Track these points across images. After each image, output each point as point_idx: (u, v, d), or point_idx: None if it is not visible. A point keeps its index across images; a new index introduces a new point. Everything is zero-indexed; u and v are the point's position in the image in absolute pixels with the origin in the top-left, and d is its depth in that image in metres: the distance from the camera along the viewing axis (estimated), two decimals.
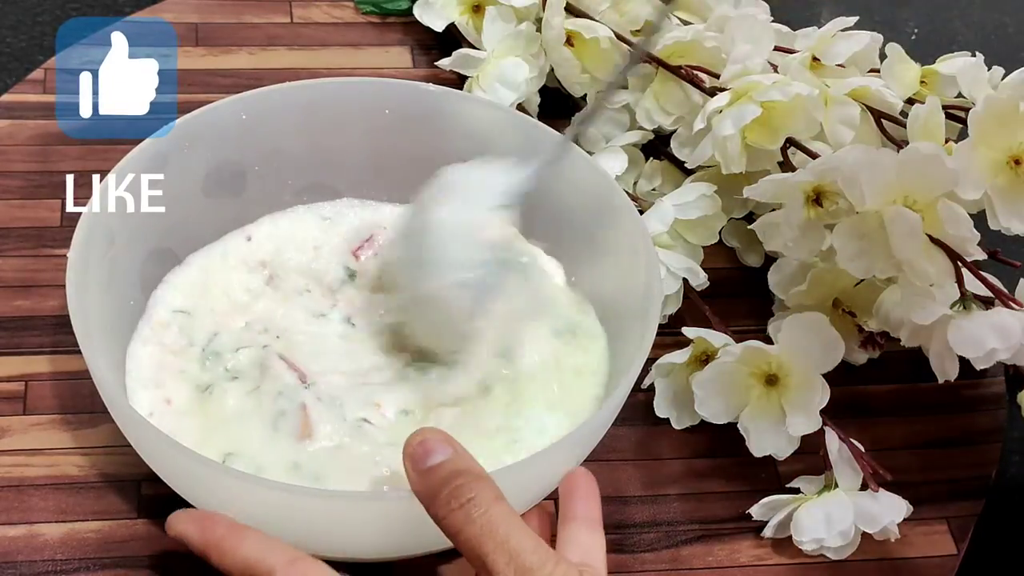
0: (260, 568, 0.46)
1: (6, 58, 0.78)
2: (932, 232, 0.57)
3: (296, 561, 0.46)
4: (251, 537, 0.47)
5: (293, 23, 0.81)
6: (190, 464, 0.50)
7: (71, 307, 0.52)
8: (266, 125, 0.63)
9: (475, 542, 0.44)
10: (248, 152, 0.64)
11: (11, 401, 0.60)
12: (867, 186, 0.57)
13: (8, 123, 0.73)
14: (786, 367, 0.59)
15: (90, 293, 0.55)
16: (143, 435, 0.51)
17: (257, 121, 0.63)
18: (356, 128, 0.65)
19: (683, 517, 0.60)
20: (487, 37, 0.74)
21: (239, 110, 0.62)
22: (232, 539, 0.47)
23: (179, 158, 0.60)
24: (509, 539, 0.44)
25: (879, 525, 0.56)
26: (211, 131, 0.62)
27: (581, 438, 0.53)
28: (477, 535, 0.44)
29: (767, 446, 0.60)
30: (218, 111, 0.62)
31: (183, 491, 0.53)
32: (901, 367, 0.65)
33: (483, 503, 0.45)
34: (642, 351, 0.55)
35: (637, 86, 0.70)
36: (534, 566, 0.43)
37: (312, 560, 0.46)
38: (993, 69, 0.68)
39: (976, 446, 0.64)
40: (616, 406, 0.54)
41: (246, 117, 0.62)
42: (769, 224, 0.63)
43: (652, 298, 0.57)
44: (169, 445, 0.50)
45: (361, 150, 0.65)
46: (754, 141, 0.64)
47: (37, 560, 0.55)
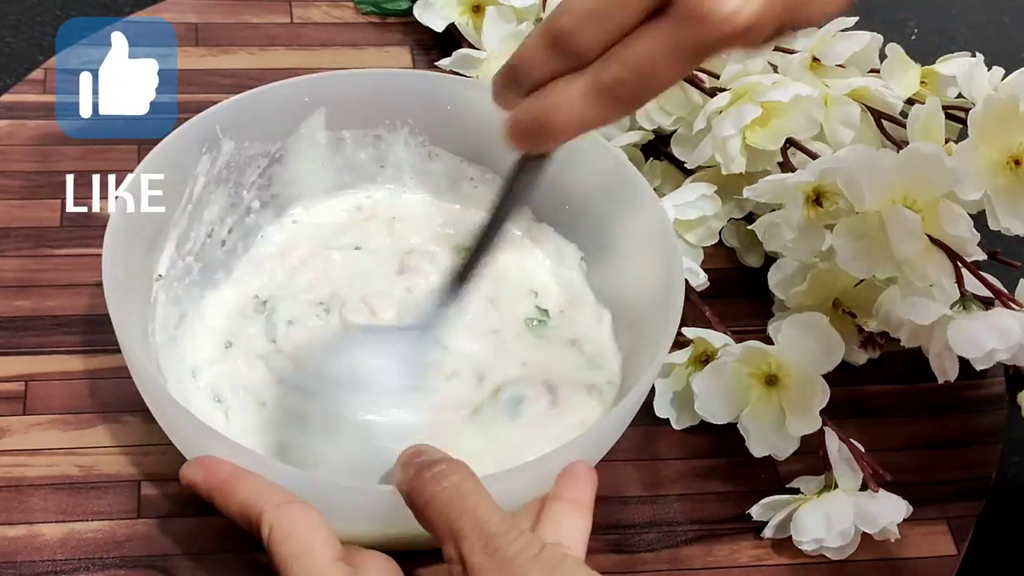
0: (253, 509, 0.47)
1: (6, 58, 0.78)
2: (932, 232, 0.57)
3: (285, 504, 0.47)
4: (250, 480, 0.48)
5: (293, 23, 0.81)
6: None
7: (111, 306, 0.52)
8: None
9: (444, 510, 0.44)
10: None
11: (11, 401, 0.60)
12: (867, 186, 0.57)
13: (8, 123, 0.73)
14: (786, 367, 0.59)
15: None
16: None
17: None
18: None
19: (683, 517, 0.60)
20: (487, 37, 0.74)
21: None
22: (233, 482, 0.49)
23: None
24: (478, 508, 0.44)
25: (879, 525, 0.56)
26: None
27: (594, 438, 0.53)
28: (446, 502, 0.44)
29: (767, 446, 0.60)
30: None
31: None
32: (901, 367, 0.65)
33: (455, 476, 0.45)
34: (663, 344, 0.55)
35: None
36: (499, 533, 0.43)
37: (301, 504, 0.47)
38: (993, 69, 0.68)
39: (976, 446, 0.64)
40: (632, 408, 0.54)
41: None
42: (769, 224, 0.63)
43: (673, 286, 0.56)
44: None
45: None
46: (754, 141, 0.64)
47: (37, 560, 0.55)
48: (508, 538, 0.43)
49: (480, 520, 0.44)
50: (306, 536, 0.46)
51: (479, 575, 0.42)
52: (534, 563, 0.43)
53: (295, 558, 0.45)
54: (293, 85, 0.62)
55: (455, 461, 0.47)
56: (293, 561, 0.45)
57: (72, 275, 0.65)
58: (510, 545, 0.43)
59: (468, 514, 0.44)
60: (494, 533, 0.43)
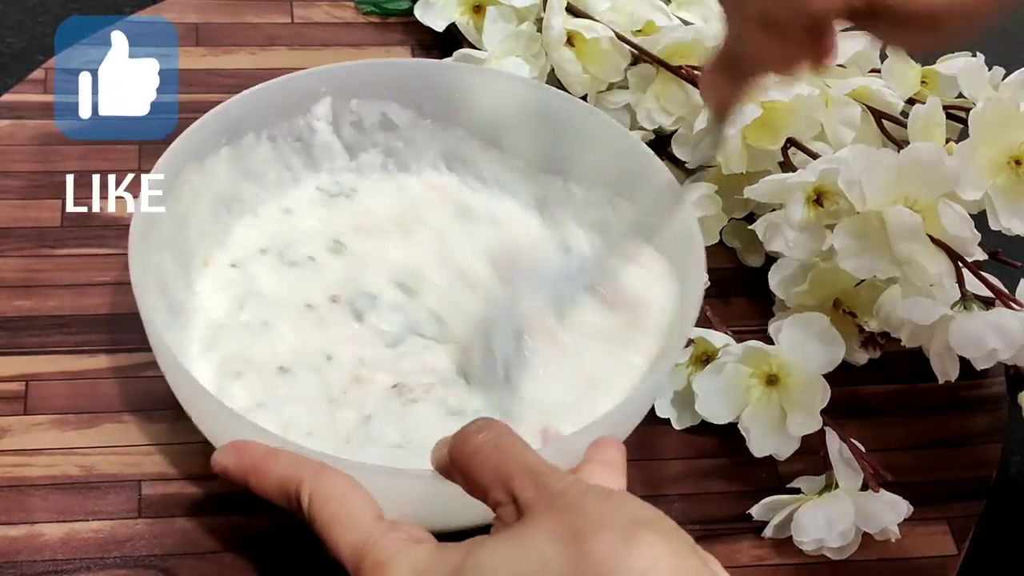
0: (291, 483, 0.47)
1: (6, 58, 0.78)
2: (932, 232, 0.57)
3: (321, 472, 0.47)
4: (283, 457, 0.49)
5: (294, 23, 0.81)
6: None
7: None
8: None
9: (491, 456, 0.44)
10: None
11: (11, 401, 0.60)
12: (867, 186, 0.57)
13: (8, 123, 0.73)
14: (787, 367, 0.59)
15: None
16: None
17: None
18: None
19: (683, 517, 0.59)
20: (488, 37, 0.74)
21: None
22: (266, 461, 0.49)
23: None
24: (524, 452, 0.44)
25: (879, 525, 0.56)
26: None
27: (626, 413, 0.54)
28: (492, 449, 0.44)
29: (767, 446, 0.60)
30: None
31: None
32: (901, 367, 0.65)
33: (497, 429, 0.45)
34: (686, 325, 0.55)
35: (638, 86, 0.70)
36: (548, 472, 0.42)
37: (336, 471, 0.47)
38: (993, 69, 0.68)
39: (976, 446, 0.64)
40: (658, 381, 0.55)
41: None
42: (770, 224, 0.63)
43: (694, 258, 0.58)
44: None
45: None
46: (755, 141, 0.64)
47: (37, 560, 0.55)
48: (557, 476, 0.43)
49: (528, 462, 0.43)
50: (344, 498, 0.46)
51: (533, 508, 0.41)
52: (587, 493, 0.42)
53: (336, 519, 0.45)
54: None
55: (494, 420, 0.46)
56: (335, 522, 0.45)
57: (72, 275, 0.65)
58: (559, 482, 0.42)
59: (515, 458, 0.43)
60: (543, 472, 0.43)
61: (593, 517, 0.40)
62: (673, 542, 0.40)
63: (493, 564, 0.40)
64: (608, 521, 0.40)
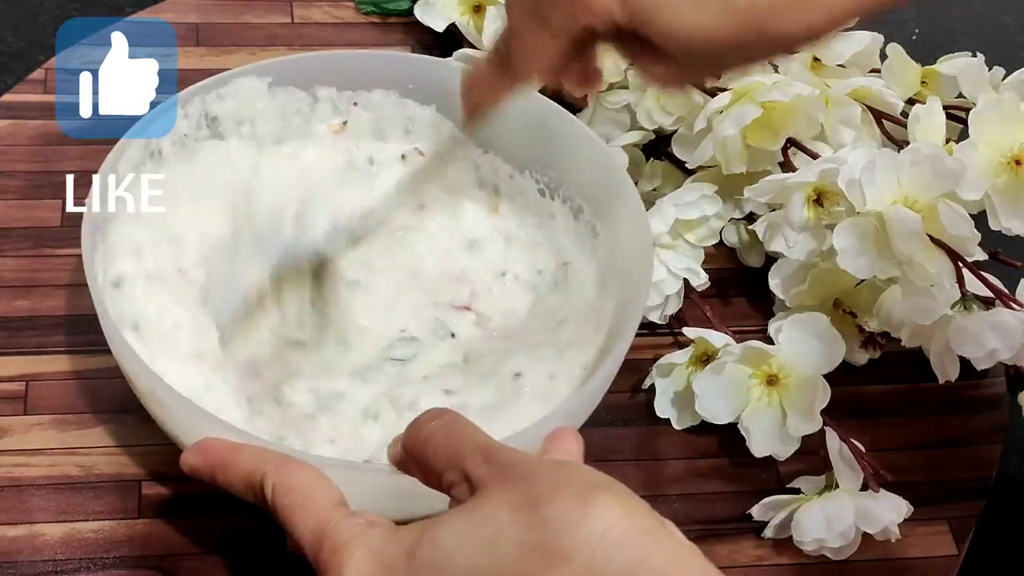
0: (255, 476, 0.48)
1: (6, 58, 0.78)
2: (932, 232, 0.57)
3: (284, 463, 0.48)
4: (247, 451, 0.49)
5: (294, 23, 0.81)
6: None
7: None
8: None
9: (444, 442, 0.44)
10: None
11: (11, 401, 0.60)
12: (867, 186, 0.57)
13: (8, 123, 0.73)
14: (787, 367, 0.59)
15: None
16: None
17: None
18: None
19: (683, 517, 0.60)
20: (488, 37, 0.74)
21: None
22: (231, 455, 0.49)
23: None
24: (476, 434, 0.43)
25: (880, 525, 0.56)
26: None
27: (568, 412, 0.54)
28: (444, 435, 0.44)
29: (768, 446, 0.60)
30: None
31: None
32: (902, 367, 0.65)
33: (448, 414, 0.45)
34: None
35: (638, 86, 0.70)
36: (499, 448, 0.42)
37: (300, 463, 0.48)
38: (993, 69, 0.68)
39: (977, 446, 0.64)
40: (608, 375, 0.55)
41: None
42: (769, 224, 0.63)
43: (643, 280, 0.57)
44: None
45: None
46: (755, 141, 0.64)
47: (38, 560, 0.55)
48: (508, 451, 0.42)
49: (479, 442, 0.43)
50: (307, 486, 0.46)
51: (488, 483, 0.41)
52: (539, 463, 0.42)
53: (298, 507, 0.46)
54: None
55: (444, 408, 0.46)
56: (296, 509, 0.45)
57: (72, 275, 0.65)
58: (511, 456, 0.42)
59: (467, 440, 0.43)
60: (494, 448, 0.42)
61: (548, 483, 0.40)
62: (629, 503, 0.39)
63: (450, 536, 0.39)
64: (563, 486, 0.39)
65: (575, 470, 0.41)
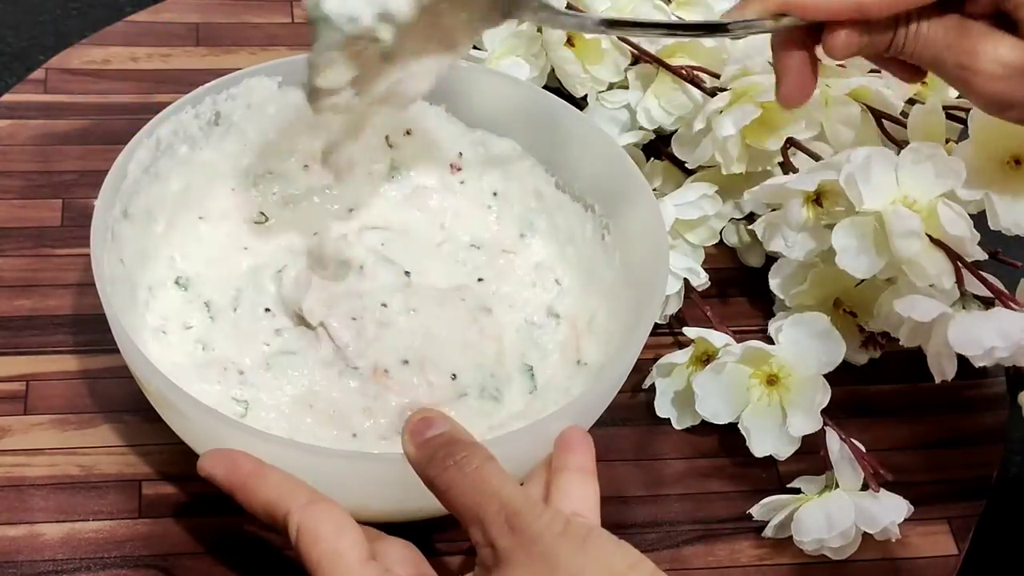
0: (279, 509, 0.47)
1: (6, 58, 0.78)
2: (932, 232, 0.57)
3: (312, 503, 0.47)
4: (273, 477, 0.48)
5: (294, 23, 0.81)
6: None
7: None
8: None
9: (467, 495, 0.45)
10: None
11: (12, 401, 0.60)
12: (867, 186, 0.57)
13: (8, 123, 0.73)
14: (787, 367, 0.59)
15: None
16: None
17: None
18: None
19: (684, 517, 0.60)
20: (488, 37, 0.74)
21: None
22: (255, 479, 0.48)
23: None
24: (500, 490, 0.44)
25: (880, 525, 0.56)
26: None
27: (584, 406, 0.54)
28: (469, 488, 0.45)
29: (768, 446, 0.60)
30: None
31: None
32: (902, 367, 0.65)
33: (476, 460, 0.46)
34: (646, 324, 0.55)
35: (638, 86, 0.70)
36: (523, 511, 0.44)
37: (329, 502, 0.47)
38: None
39: (977, 446, 0.64)
40: (621, 374, 0.55)
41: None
42: (769, 224, 0.63)
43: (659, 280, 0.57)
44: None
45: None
46: (754, 141, 0.64)
47: (38, 560, 0.55)
48: (533, 515, 0.43)
49: (504, 503, 0.44)
50: (334, 537, 0.46)
51: (510, 557, 0.43)
52: (563, 538, 0.43)
53: (326, 559, 0.45)
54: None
55: (471, 443, 0.47)
56: (325, 562, 0.45)
57: (72, 275, 0.65)
58: (536, 522, 0.43)
59: (492, 498, 0.44)
60: (518, 512, 0.43)
61: (569, 570, 0.42)
62: None
63: None
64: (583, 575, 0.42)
65: (597, 556, 0.43)
